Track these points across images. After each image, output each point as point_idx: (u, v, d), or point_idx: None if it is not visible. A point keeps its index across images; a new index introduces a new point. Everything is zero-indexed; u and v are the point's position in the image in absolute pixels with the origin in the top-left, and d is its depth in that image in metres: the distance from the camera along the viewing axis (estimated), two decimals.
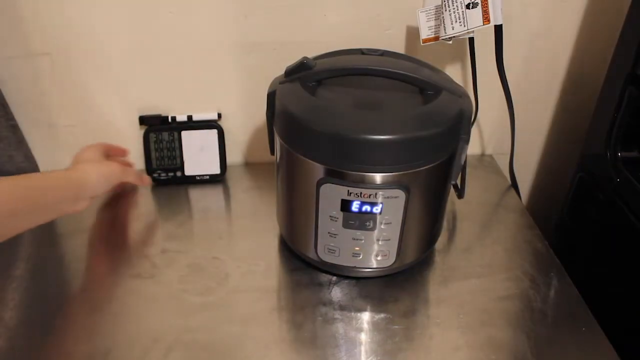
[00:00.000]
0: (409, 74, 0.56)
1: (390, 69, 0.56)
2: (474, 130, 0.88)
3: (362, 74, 0.58)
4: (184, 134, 0.79)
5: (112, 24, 0.72)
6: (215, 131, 0.80)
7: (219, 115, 0.80)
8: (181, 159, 0.80)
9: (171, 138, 0.79)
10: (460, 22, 0.66)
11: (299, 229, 0.63)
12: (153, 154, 0.79)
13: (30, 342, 0.56)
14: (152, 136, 0.79)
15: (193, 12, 0.72)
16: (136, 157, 0.81)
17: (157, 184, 0.81)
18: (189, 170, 0.81)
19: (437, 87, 0.57)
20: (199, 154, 0.81)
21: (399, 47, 0.77)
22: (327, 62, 0.60)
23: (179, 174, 0.80)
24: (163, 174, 0.81)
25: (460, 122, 0.57)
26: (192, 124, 0.79)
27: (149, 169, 0.81)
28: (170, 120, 0.79)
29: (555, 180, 0.94)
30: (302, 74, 0.58)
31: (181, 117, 0.79)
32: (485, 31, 0.67)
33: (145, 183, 0.79)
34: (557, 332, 0.58)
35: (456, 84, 0.62)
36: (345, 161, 0.53)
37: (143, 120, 0.79)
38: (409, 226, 0.58)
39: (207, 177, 0.82)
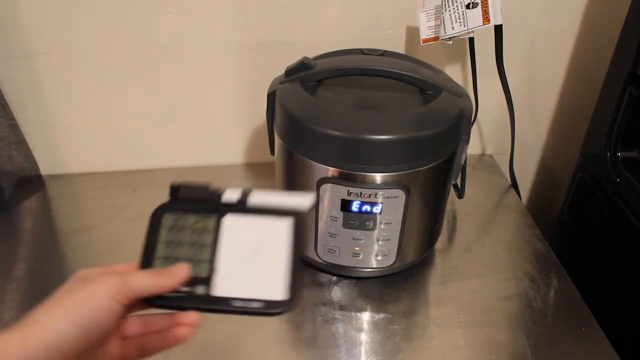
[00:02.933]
0: (409, 74, 0.56)
1: (390, 69, 0.56)
2: (474, 130, 0.87)
3: (362, 74, 0.58)
4: (228, 220, 0.42)
5: (112, 24, 0.72)
6: (289, 221, 0.41)
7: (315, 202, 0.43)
8: (210, 265, 0.41)
9: (201, 225, 0.42)
10: (460, 22, 0.66)
11: None
12: (159, 248, 0.42)
13: None
14: (169, 219, 0.43)
15: (193, 13, 0.72)
16: (140, 156, 0.81)
17: (153, 305, 0.41)
18: (221, 288, 0.40)
19: (437, 87, 0.57)
20: (246, 261, 0.41)
21: (399, 47, 0.77)
22: (327, 62, 0.60)
23: (200, 290, 0.40)
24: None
25: (460, 122, 0.57)
26: (242, 207, 0.42)
27: (145, 266, 0.41)
28: (211, 193, 0.43)
29: (555, 180, 0.94)
30: (302, 74, 0.58)
31: (231, 195, 0.42)
32: (485, 31, 0.67)
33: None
34: (557, 332, 0.58)
35: (456, 84, 0.62)
36: (345, 161, 0.53)
37: (177, 192, 0.43)
38: (409, 226, 0.58)
39: (258, 305, 0.39)
